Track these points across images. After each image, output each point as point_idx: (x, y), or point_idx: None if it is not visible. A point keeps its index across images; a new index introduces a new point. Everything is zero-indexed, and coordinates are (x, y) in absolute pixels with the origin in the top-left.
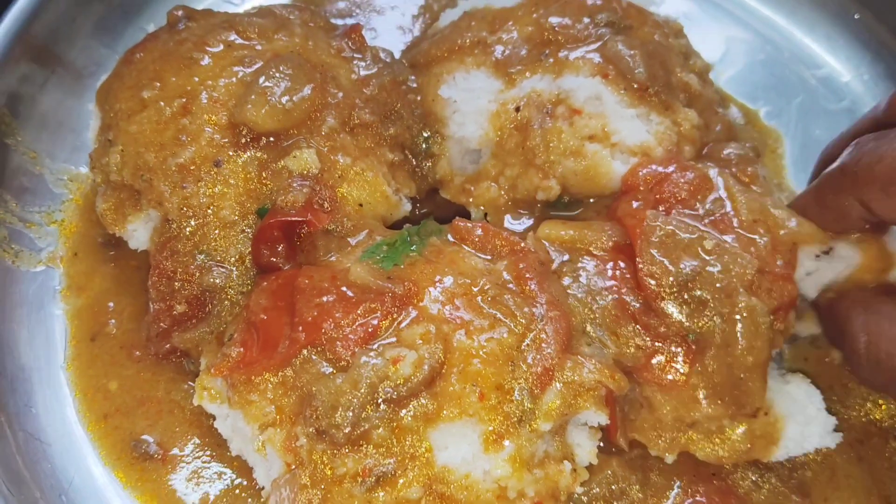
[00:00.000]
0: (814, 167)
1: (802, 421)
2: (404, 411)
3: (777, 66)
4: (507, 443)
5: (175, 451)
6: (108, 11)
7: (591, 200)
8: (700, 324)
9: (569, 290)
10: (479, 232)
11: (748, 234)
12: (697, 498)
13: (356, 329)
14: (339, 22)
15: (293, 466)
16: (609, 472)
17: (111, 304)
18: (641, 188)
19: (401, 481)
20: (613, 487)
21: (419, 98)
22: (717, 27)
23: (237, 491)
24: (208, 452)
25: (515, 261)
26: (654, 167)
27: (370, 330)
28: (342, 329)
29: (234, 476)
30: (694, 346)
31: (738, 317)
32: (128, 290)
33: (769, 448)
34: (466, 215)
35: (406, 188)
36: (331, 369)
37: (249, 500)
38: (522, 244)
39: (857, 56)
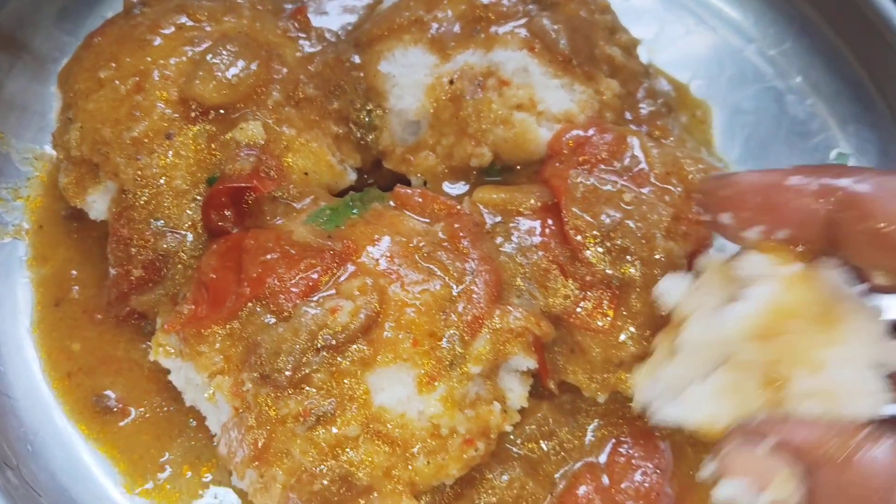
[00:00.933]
0: None
1: None
2: (341, 357)
3: (709, 43)
4: (439, 385)
5: (133, 404)
6: (70, 2)
7: (518, 168)
8: (622, 269)
9: (501, 248)
10: (418, 198)
11: (662, 185)
12: (621, 438)
13: (297, 283)
14: (290, 6)
15: (241, 410)
16: (540, 414)
17: (74, 272)
18: (565, 151)
19: (340, 420)
20: (544, 428)
21: (362, 74)
22: (652, 7)
23: (192, 442)
24: (165, 405)
25: (451, 222)
26: (576, 132)
27: (311, 284)
28: (285, 283)
29: (188, 425)
30: (618, 291)
31: (656, 259)
32: (89, 259)
33: None
34: (408, 184)
35: (351, 159)
36: (274, 320)
37: (203, 447)
38: (458, 207)
39: (784, 31)
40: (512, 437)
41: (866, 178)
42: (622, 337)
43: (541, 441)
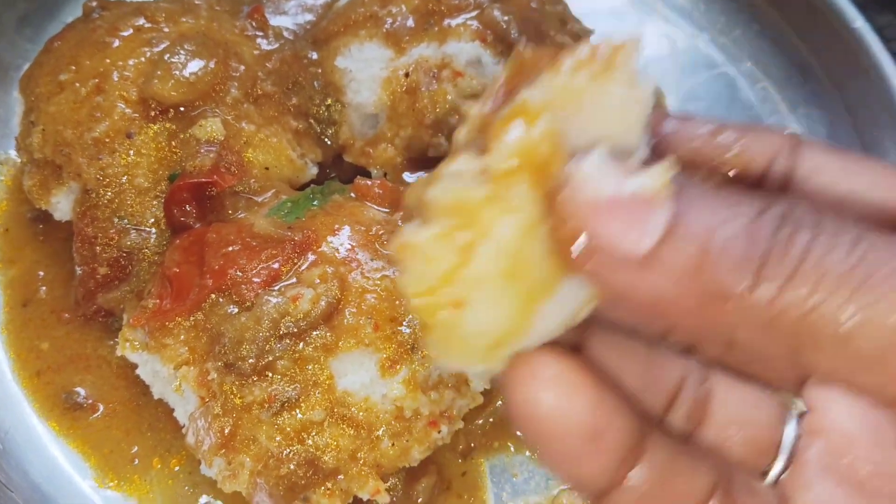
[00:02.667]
0: None
1: None
2: (304, 343)
3: (662, 32)
4: (401, 368)
5: (103, 400)
6: (30, 8)
7: None
8: None
9: None
10: (378, 189)
11: None
12: None
13: (259, 273)
14: (247, 7)
15: (207, 399)
16: None
17: (41, 272)
18: None
19: (304, 406)
20: None
21: (320, 70)
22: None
23: (161, 435)
24: (134, 400)
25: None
26: None
27: (272, 273)
28: (246, 274)
29: (157, 419)
30: None
31: None
32: (56, 260)
33: None
34: (369, 176)
35: (312, 153)
36: (236, 310)
37: (172, 439)
38: None
39: (733, 18)
40: (481, 421)
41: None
42: None
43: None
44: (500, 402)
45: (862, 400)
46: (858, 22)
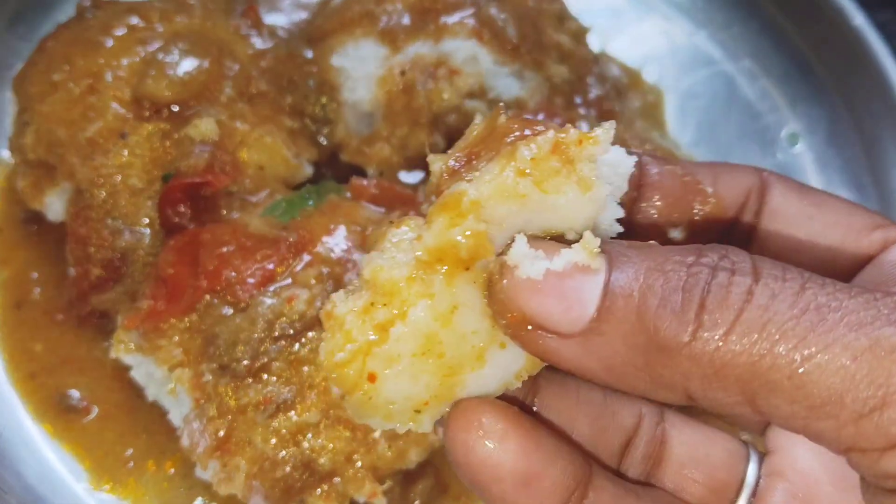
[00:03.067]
0: None
1: None
2: (299, 345)
3: (660, 29)
4: None
5: (97, 402)
6: (23, 7)
7: None
8: None
9: None
10: (374, 188)
11: None
12: None
13: (254, 274)
14: (241, 8)
15: (201, 402)
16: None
17: (34, 274)
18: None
19: (300, 408)
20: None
21: (315, 69)
22: None
23: (156, 437)
24: (128, 402)
25: (407, 210)
26: (526, 117)
27: (267, 274)
28: (241, 275)
29: (152, 421)
30: None
31: None
32: (49, 260)
33: None
34: (365, 175)
35: (307, 153)
36: (231, 311)
37: (167, 441)
38: (414, 196)
39: (732, 15)
40: None
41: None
42: None
43: None
44: None
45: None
46: (858, 18)
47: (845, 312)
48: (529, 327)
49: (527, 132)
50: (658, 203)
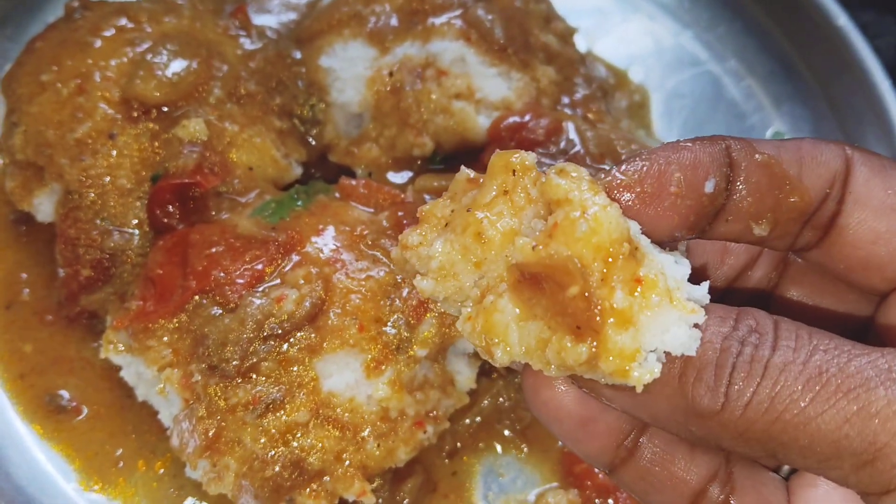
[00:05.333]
0: None
1: None
2: (288, 344)
3: (646, 29)
4: (386, 369)
5: (87, 402)
6: (11, 7)
7: (460, 155)
8: None
9: None
10: (362, 189)
11: (598, 165)
12: None
13: (243, 274)
14: (230, 8)
15: (191, 402)
16: (495, 390)
17: (24, 275)
18: (504, 137)
19: (289, 407)
20: (500, 401)
21: (304, 70)
22: None
23: (146, 437)
24: (118, 402)
25: (395, 210)
26: (513, 118)
27: (256, 275)
28: (230, 275)
29: (142, 421)
30: None
31: None
32: (39, 261)
33: None
34: (354, 176)
35: (296, 153)
36: (220, 311)
37: (157, 441)
38: (402, 196)
39: (718, 15)
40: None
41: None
42: None
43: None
44: (486, 402)
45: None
46: (842, 19)
47: (843, 377)
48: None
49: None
50: (746, 199)
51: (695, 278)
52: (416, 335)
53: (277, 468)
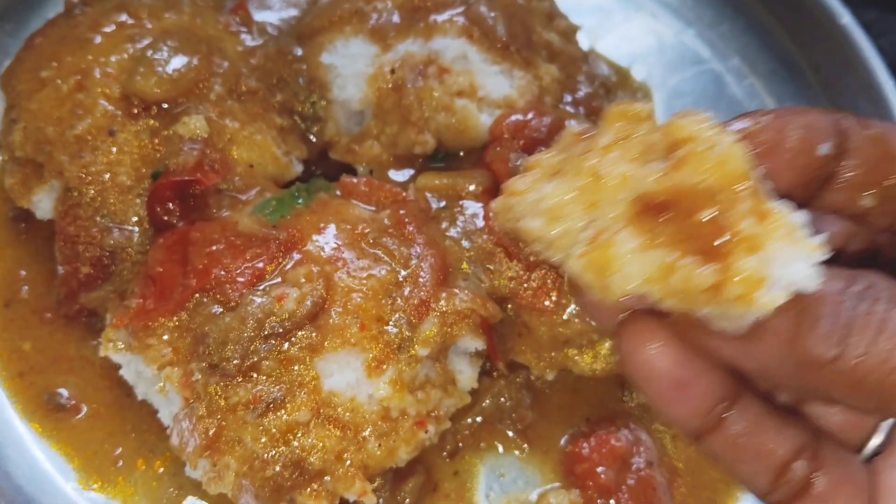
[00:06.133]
0: None
1: None
2: (289, 343)
3: (648, 27)
4: (388, 368)
5: (86, 401)
6: (11, 3)
7: (462, 154)
8: None
9: (446, 233)
10: (364, 186)
11: None
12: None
13: (243, 272)
14: (232, 2)
15: (191, 401)
16: (496, 389)
17: (23, 272)
18: (506, 136)
19: (290, 406)
20: (501, 400)
21: (305, 66)
22: None
23: (145, 436)
24: (117, 401)
25: (397, 208)
26: (515, 116)
27: (256, 273)
28: (230, 273)
29: (141, 420)
30: (561, 270)
31: None
32: (38, 259)
33: None
34: (355, 173)
35: (297, 150)
36: (221, 310)
37: (156, 440)
38: (404, 194)
39: (721, 13)
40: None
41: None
42: (566, 315)
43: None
44: (487, 401)
45: None
46: (845, 18)
47: None
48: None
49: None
50: (855, 170)
51: None
52: (417, 334)
53: (278, 468)
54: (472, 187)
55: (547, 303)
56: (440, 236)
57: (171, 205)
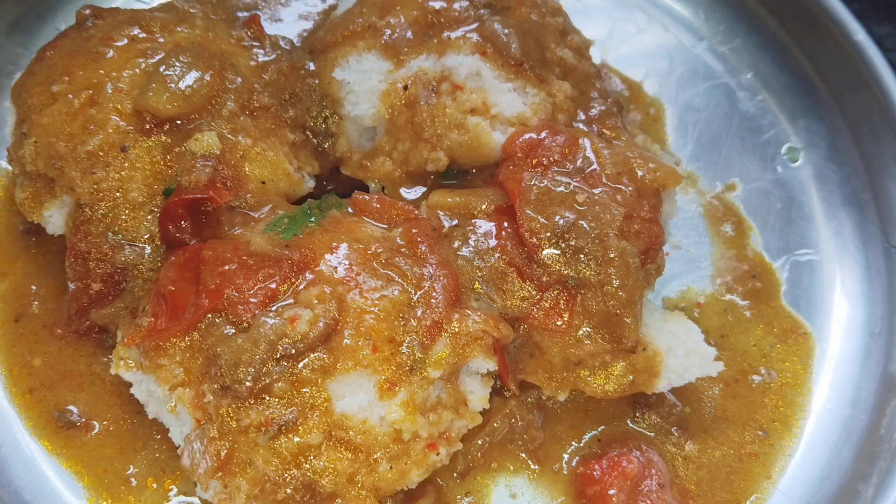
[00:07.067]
0: None
1: (682, 354)
2: (302, 365)
3: (661, 41)
4: (400, 390)
5: (97, 418)
6: (22, 13)
7: (474, 171)
8: (578, 269)
9: (459, 252)
10: (376, 204)
11: (614, 185)
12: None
13: (256, 293)
14: (244, 14)
15: (203, 422)
16: (508, 410)
17: (33, 287)
18: (519, 154)
19: (302, 429)
20: (512, 421)
21: (317, 82)
22: (605, 7)
23: (156, 455)
24: (128, 418)
25: (409, 227)
26: (529, 135)
27: (269, 294)
28: (243, 294)
29: (152, 438)
30: (574, 291)
31: (610, 258)
32: (48, 273)
33: (651, 381)
34: (367, 189)
35: (309, 166)
36: (233, 331)
37: (167, 459)
38: (416, 212)
39: (734, 28)
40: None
41: None
42: (579, 336)
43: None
44: (498, 422)
45: None
46: (860, 35)
47: None
48: None
49: None
50: None
51: None
52: (430, 356)
53: (289, 490)
54: (484, 206)
55: (559, 323)
56: (452, 255)
57: (183, 222)
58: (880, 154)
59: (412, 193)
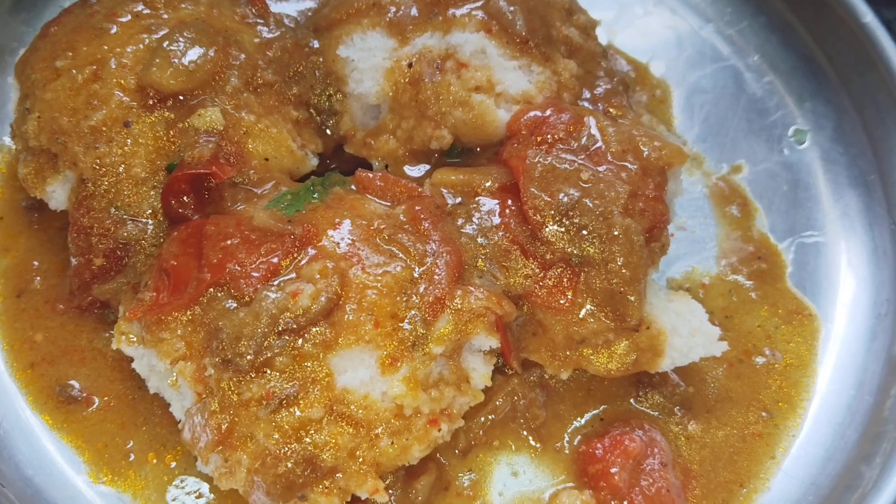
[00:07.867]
0: None
1: (687, 333)
2: (303, 340)
3: (668, 23)
4: (402, 366)
5: (98, 393)
6: None
7: (478, 149)
8: (581, 246)
9: (462, 229)
10: (379, 181)
11: (619, 162)
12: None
13: (258, 267)
14: None
15: (204, 396)
16: (510, 388)
17: (36, 262)
18: (524, 132)
19: (303, 403)
20: (515, 399)
21: (321, 59)
22: None
23: (157, 429)
24: (129, 393)
25: (412, 204)
26: (533, 112)
27: (271, 268)
28: (245, 268)
29: (153, 413)
30: (577, 269)
31: (614, 235)
32: (51, 248)
33: (655, 360)
34: (370, 167)
35: (313, 144)
36: (235, 305)
37: (168, 434)
38: (420, 190)
39: (741, 10)
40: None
41: None
42: (582, 314)
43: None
44: (500, 400)
45: None
46: (868, 17)
47: None
48: None
49: None
50: None
51: None
52: (432, 332)
53: (290, 464)
54: (488, 184)
55: (562, 301)
56: (456, 233)
57: (185, 197)
58: (887, 136)
59: (416, 171)
